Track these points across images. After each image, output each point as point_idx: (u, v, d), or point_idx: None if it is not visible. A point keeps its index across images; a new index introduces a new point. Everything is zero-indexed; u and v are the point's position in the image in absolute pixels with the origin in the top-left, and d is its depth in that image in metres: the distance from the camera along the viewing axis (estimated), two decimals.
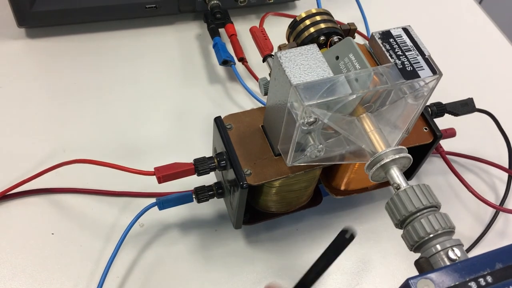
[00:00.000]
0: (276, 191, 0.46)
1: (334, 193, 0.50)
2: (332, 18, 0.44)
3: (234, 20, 0.67)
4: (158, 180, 0.43)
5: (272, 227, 0.52)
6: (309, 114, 0.36)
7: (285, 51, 0.38)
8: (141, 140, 0.57)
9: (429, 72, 0.38)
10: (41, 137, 0.56)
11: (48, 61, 0.63)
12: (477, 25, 0.76)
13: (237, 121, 0.46)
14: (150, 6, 0.65)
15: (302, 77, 0.37)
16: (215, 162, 0.44)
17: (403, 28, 0.40)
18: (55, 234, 0.49)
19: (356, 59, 0.39)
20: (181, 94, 0.62)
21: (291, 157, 0.40)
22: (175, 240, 0.50)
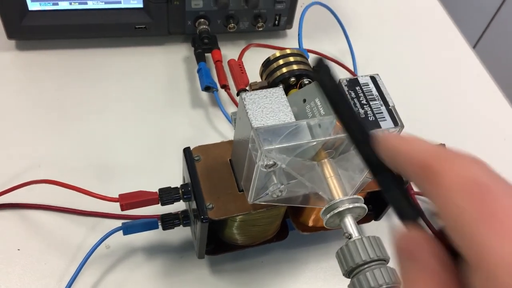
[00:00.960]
0: (239, 225, 0.46)
1: (301, 229, 0.51)
2: (305, 60, 0.45)
3: (223, 45, 0.68)
4: (121, 207, 0.44)
5: (237, 258, 0.52)
6: (268, 158, 0.36)
7: (250, 92, 0.38)
8: (118, 160, 0.58)
9: (390, 123, 0.38)
10: (18, 150, 0.57)
11: (34, 75, 0.64)
12: (468, 70, 0.76)
13: (206, 153, 0.46)
14: (140, 27, 0.66)
15: (264, 120, 0.37)
16: (180, 193, 0.44)
17: (370, 77, 0.41)
18: (21, 250, 0.50)
19: (321, 104, 0.39)
20: (163, 116, 0.63)
21: (252, 195, 0.41)
22: (139, 264, 0.51)
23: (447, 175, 0.18)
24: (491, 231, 0.17)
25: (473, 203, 0.17)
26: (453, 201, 0.18)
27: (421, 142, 0.20)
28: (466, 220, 0.17)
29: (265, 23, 0.69)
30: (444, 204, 0.18)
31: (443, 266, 0.18)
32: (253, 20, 0.68)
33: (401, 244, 0.19)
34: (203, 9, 0.66)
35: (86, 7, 0.64)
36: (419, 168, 0.19)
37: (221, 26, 0.68)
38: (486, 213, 0.17)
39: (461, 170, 0.18)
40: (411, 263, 0.19)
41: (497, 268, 0.16)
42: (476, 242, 0.17)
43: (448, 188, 0.18)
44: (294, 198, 0.42)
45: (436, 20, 0.82)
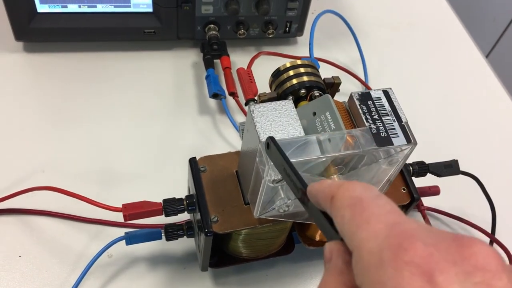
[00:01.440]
0: (244, 239, 0.45)
1: (307, 243, 0.49)
2: (316, 71, 0.44)
3: (233, 51, 0.67)
4: (124, 218, 0.43)
5: (242, 271, 0.51)
6: (276, 173, 0.35)
7: (259, 105, 0.37)
8: (123, 167, 0.57)
9: (403, 140, 0.37)
10: (23, 155, 0.56)
11: (41, 77, 0.64)
12: (481, 81, 0.74)
13: (212, 163, 0.45)
14: (149, 31, 0.65)
15: (272, 134, 0.36)
16: (184, 204, 0.44)
17: (383, 91, 0.39)
18: (22, 257, 0.49)
19: (332, 119, 0.38)
20: (169, 122, 0.62)
21: (258, 209, 0.40)
22: (142, 275, 0.50)
23: (339, 197, 0.25)
24: (360, 228, 0.23)
25: (350, 211, 0.24)
26: (340, 213, 0.24)
27: (327, 181, 0.27)
28: (346, 224, 0.24)
29: (275, 30, 0.68)
30: (337, 217, 0.25)
31: (346, 264, 0.24)
32: (264, 26, 0.68)
33: (324, 252, 0.26)
34: (213, 15, 0.65)
35: (95, 10, 0.63)
36: (327, 198, 0.26)
37: (231, 32, 0.67)
38: (357, 216, 0.23)
39: (347, 191, 0.25)
40: (327, 264, 0.25)
41: (362, 251, 0.22)
42: (352, 238, 0.23)
43: (338, 205, 0.25)
44: (301, 213, 0.41)
45: (449, 30, 0.80)
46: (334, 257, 0.24)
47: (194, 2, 0.63)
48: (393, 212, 0.23)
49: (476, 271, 0.20)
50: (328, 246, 0.25)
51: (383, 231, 0.22)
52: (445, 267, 0.20)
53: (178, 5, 0.63)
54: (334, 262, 0.24)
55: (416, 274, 0.20)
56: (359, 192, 0.24)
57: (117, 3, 0.63)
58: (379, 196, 0.24)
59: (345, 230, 0.24)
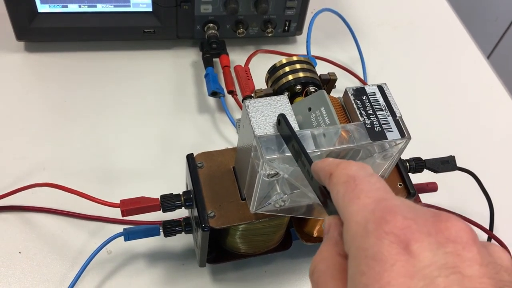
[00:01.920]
0: (241, 234, 0.46)
1: (305, 239, 0.50)
2: (312, 67, 0.44)
3: (232, 50, 0.67)
4: (122, 213, 0.43)
5: (240, 267, 0.51)
6: (271, 167, 0.36)
7: (254, 100, 0.38)
8: (123, 165, 0.57)
9: (397, 134, 0.37)
10: (24, 153, 0.56)
11: (42, 77, 0.64)
12: (482, 81, 0.74)
13: (209, 159, 0.45)
14: (149, 31, 0.66)
15: (267, 129, 0.36)
16: (182, 200, 0.44)
17: (378, 86, 0.40)
18: (22, 253, 0.50)
19: (327, 114, 0.38)
20: (169, 120, 0.62)
21: (254, 204, 0.40)
22: (140, 271, 0.50)
23: (336, 174, 0.27)
24: (351, 202, 0.25)
25: (344, 187, 0.26)
26: (336, 189, 0.27)
27: (329, 160, 0.29)
28: (340, 198, 0.26)
29: (274, 28, 0.68)
30: (333, 192, 0.27)
31: (341, 236, 0.26)
32: (263, 25, 0.68)
33: (324, 225, 0.29)
34: (212, 14, 0.65)
35: (95, 10, 0.64)
36: (326, 175, 0.28)
37: (230, 31, 0.68)
38: (350, 192, 0.26)
39: (343, 169, 0.27)
40: (325, 236, 0.28)
41: (350, 222, 0.25)
42: (344, 211, 0.26)
43: (335, 182, 0.27)
44: (297, 208, 0.41)
45: (449, 29, 0.80)
46: (331, 230, 0.27)
47: (193, 1, 0.63)
48: (382, 189, 0.26)
49: (448, 242, 0.22)
50: (327, 220, 0.28)
51: (370, 206, 0.24)
52: (420, 237, 0.22)
53: (177, 4, 0.63)
54: (331, 233, 0.27)
55: (394, 242, 0.22)
56: (354, 171, 0.27)
57: (117, 3, 0.64)
58: (371, 175, 0.27)
59: (339, 204, 0.26)
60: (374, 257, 0.22)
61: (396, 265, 0.22)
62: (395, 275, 0.21)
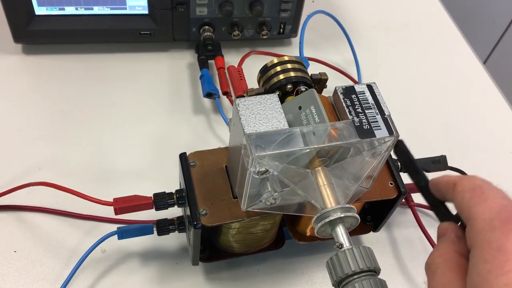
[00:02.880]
0: (234, 232, 0.46)
1: (298, 238, 0.50)
2: (303, 67, 0.45)
3: (227, 52, 0.68)
4: (115, 211, 0.44)
5: (233, 266, 0.52)
6: (260, 164, 0.36)
7: (244, 98, 0.38)
8: (119, 165, 0.58)
9: (385, 132, 0.38)
10: (20, 154, 0.57)
11: (39, 79, 0.65)
12: (475, 83, 0.75)
13: (202, 158, 0.46)
14: (145, 33, 0.66)
15: (257, 126, 0.37)
16: (174, 198, 0.44)
17: (367, 85, 0.40)
18: (17, 252, 0.50)
19: (316, 112, 0.39)
20: (164, 121, 0.63)
21: (245, 202, 0.40)
22: (134, 270, 0.50)
23: (461, 183, 0.32)
24: (478, 204, 0.30)
25: (471, 193, 0.31)
26: (461, 195, 0.31)
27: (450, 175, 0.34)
28: (466, 201, 0.31)
29: (269, 31, 0.69)
30: (457, 197, 0.32)
31: (457, 237, 0.32)
32: (258, 28, 0.69)
33: (438, 230, 0.34)
34: (208, 16, 0.66)
35: (92, 13, 0.65)
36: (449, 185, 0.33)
37: (226, 34, 0.68)
38: (477, 197, 0.30)
39: (469, 180, 0.32)
40: (441, 238, 0.33)
41: (476, 220, 0.29)
42: (470, 211, 0.30)
43: (460, 190, 0.32)
44: (289, 206, 0.41)
45: (443, 31, 0.81)
46: (448, 232, 0.32)
47: (188, 4, 0.64)
48: (505, 198, 0.30)
49: None
50: (442, 225, 0.34)
51: (496, 208, 0.29)
52: None
53: (173, 7, 0.64)
54: (448, 235, 0.32)
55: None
56: (480, 182, 0.31)
57: (113, 5, 0.64)
58: (495, 186, 0.31)
59: (464, 206, 0.31)
60: (498, 249, 0.27)
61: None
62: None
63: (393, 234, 0.56)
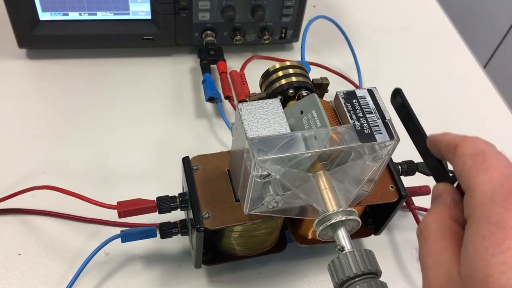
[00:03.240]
0: (236, 236, 0.46)
1: (300, 241, 0.51)
2: (305, 72, 0.45)
3: (229, 57, 0.68)
4: (119, 214, 0.44)
5: (235, 269, 0.52)
6: (263, 168, 0.37)
7: (247, 103, 0.39)
8: (122, 168, 0.58)
9: (386, 136, 0.38)
10: (24, 157, 0.58)
11: (43, 83, 0.66)
12: (476, 87, 0.75)
13: (204, 162, 0.46)
14: (148, 38, 0.67)
15: (259, 131, 0.37)
16: (177, 202, 0.45)
17: (368, 90, 0.41)
18: (21, 255, 0.51)
19: (318, 117, 0.39)
20: (166, 125, 0.63)
21: (247, 206, 0.41)
22: (137, 273, 0.51)
23: (463, 145, 0.29)
24: (479, 173, 0.27)
25: (472, 158, 0.28)
26: (462, 159, 0.29)
27: (452, 134, 0.31)
28: (467, 168, 0.28)
29: (271, 36, 0.69)
30: (458, 162, 0.29)
31: (453, 201, 0.30)
32: (260, 32, 0.69)
33: (433, 191, 0.31)
34: (210, 21, 0.66)
35: (96, 18, 0.65)
36: (450, 146, 0.30)
37: (228, 38, 0.69)
38: (478, 164, 0.28)
39: (471, 143, 0.29)
40: (436, 200, 0.30)
41: (476, 191, 0.27)
42: (470, 180, 0.27)
43: (461, 152, 0.29)
44: (291, 209, 0.42)
45: (445, 37, 0.82)
46: (444, 195, 0.30)
47: (191, 9, 0.65)
48: (510, 167, 0.28)
49: None
50: (437, 186, 0.31)
51: (498, 179, 0.26)
52: None
53: (175, 12, 0.65)
54: (444, 198, 0.30)
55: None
56: (482, 146, 0.29)
57: (116, 11, 0.65)
58: (499, 152, 0.29)
59: (464, 173, 0.28)
60: (498, 224, 0.24)
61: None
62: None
63: (394, 237, 0.57)
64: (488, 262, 0.24)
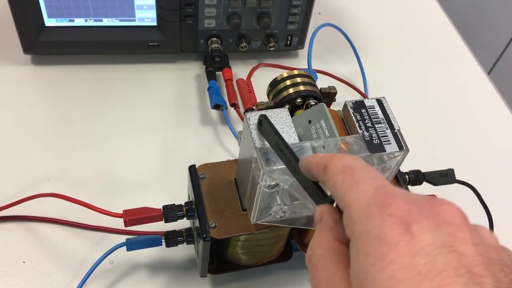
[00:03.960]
0: (242, 245, 0.46)
1: (306, 250, 0.50)
2: (312, 81, 0.45)
3: (234, 64, 0.68)
4: (125, 223, 0.44)
5: (240, 278, 0.52)
6: (271, 178, 0.36)
7: (255, 112, 0.38)
8: (127, 176, 0.58)
9: (395, 147, 0.38)
10: (29, 164, 0.57)
11: (48, 89, 0.65)
12: (481, 95, 0.75)
13: (211, 171, 0.46)
14: (153, 44, 0.67)
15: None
16: (183, 211, 0.45)
17: (377, 100, 0.41)
18: (26, 263, 0.50)
19: (326, 126, 0.39)
20: (172, 132, 0.63)
21: (254, 215, 0.41)
22: (142, 281, 0.50)
23: (331, 165, 0.29)
24: (351, 189, 0.27)
25: (342, 176, 0.28)
26: (333, 179, 0.28)
27: (320, 154, 0.31)
28: (338, 186, 0.27)
29: (277, 43, 0.69)
30: (329, 182, 0.28)
31: (335, 222, 0.28)
32: (265, 40, 0.69)
33: (315, 215, 0.30)
34: (216, 28, 0.66)
35: (101, 24, 0.65)
36: (320, 167, 0.29)
37: (233, 45, 0.69)
38: (348, 180, 0.27)
39: (339, 161, 0.29)
40: (318, 224, 0.29)
41: (352, 208, 0.26)
42: (344, 197, 0.27)
43: (331, 172, 0.28)
44: (298, 219, 0.41)
45: (450, 44, 0.81)
46: (324, 217, 0.29)
47: (197, 16, 0.64)
48: (378, 177, 0.27)
49: (444, 224, 0.24)
50: (319, 209, 0.30)
51: (370, 191, 0.26)
52: (420, 219, 0.24)
53: (181, 19, 0.65)
54: (325, 220, 0.29)
55: (396, 223, 0.24)
56: (350, 162, 0.28)
57: (122, 17, 0.65)
58: (366, 165, 0.29)
59: (337, 192, 0.28)
60: (378, 238, 0.24)
61: (400, 245, 0.23)
62: (399, 254, 0.23)
63: None
64: (376, 279, 0.23)
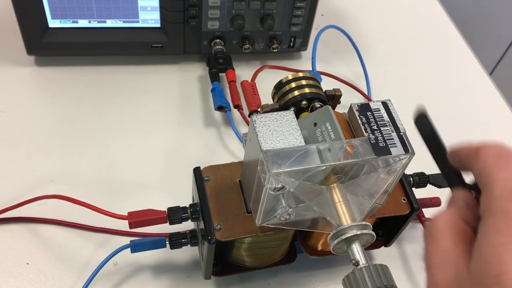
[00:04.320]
0: (247, 247, 0.46)
1: (310, 252, 0.50)
2: (318, 83, 0.45)
3: (238, 65, 0.68)
4: (130, 225, 0.44)
5: (244, 280, 0.52)
6: (277, 181, 0.36)
7: (261, 115, 0.38)
8: (130, 177, 0.58)
9: (401, 149, 0.38)
10: (33, 165, 0.57)
11: (52, 91, 0.65)
12: (484, 97, 0.75)
13: (216, 173, 0.46)
14: (156, 46, 0.67)
15: (273, 143, 0.37)
16: (188, 213, 0.45)
17: (382, 102, 0.40)
18: (30, 264, 0.50)
19: (332, 129, 0.39)
20: (175, 134, 0.63)
21: (260, 218, 0.41)
22: (146, 283, 0.50)
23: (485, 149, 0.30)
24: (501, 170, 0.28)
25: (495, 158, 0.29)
26: (483, 159, 0.29)
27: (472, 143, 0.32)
28: (488, 166, 0.28)
29: (280, 44, 0.69)
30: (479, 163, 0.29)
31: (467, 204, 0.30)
32: (268, 41, 0.69)
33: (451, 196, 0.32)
34: (219, 30, 0.66)
35: (105, 26, 0.65)
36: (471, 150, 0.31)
37: (237, 47, 0.69)
38: (501, 162, 0.28)
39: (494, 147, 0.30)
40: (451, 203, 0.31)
41: (495, 186, 0.27)
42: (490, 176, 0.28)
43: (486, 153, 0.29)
44: (302, 222, 0.41)
45: (452, 45, 0.81)
46: (458, 199, 0.31)
47: (200, 17, 0.64)
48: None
49: None
50: (455, 193, 0.32)
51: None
52: None
53: (185, 20, 0.65)
54: (457, 202, 0.31)
55: None
56: (506, 150, 0.30)
57: (126, 19, 0.65)
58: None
59: (484, 171, 0.29)
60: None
61: None
62: None
63: (403, 249, 0.56)
64: (502, 259, 0.23)
